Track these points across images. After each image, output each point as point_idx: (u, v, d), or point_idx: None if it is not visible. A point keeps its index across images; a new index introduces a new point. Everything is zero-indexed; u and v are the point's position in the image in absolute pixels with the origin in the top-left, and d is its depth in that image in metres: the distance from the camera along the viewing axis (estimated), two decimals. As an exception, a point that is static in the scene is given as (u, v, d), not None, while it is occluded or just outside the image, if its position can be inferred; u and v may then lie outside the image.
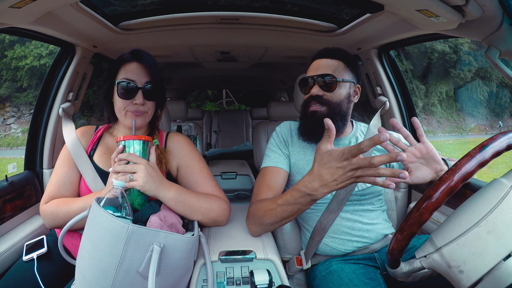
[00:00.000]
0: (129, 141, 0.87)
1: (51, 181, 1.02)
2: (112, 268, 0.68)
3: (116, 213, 0.73)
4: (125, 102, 0.97)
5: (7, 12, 0.82)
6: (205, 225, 1.01)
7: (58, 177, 1.01)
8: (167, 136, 1.12)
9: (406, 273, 0.67)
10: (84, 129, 1.11)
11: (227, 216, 1.04)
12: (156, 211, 0.83)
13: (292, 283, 1.11)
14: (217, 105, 9.41)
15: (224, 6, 1.38)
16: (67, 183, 1.01)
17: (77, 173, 1.02)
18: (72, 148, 1.04)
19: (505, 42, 0.81)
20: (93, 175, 1.00)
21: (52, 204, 0.97)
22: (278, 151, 1.12)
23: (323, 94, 1.05)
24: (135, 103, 0.97)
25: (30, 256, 0.97)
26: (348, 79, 1.07)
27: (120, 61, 1.00)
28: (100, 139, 1.09)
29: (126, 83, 0.96)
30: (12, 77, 10.93)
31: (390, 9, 0.98)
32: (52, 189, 1.00)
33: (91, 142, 1.07)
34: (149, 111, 1.01)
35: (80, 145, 1.05)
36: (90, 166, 1.01)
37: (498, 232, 0.57)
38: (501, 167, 6.28)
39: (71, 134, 1.09)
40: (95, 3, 1.15)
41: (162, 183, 0.87)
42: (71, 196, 1.01)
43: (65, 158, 1.03)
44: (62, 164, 1.03)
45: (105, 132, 1.10)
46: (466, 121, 13.22)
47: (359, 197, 1.07)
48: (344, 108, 1.07)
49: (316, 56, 1.12)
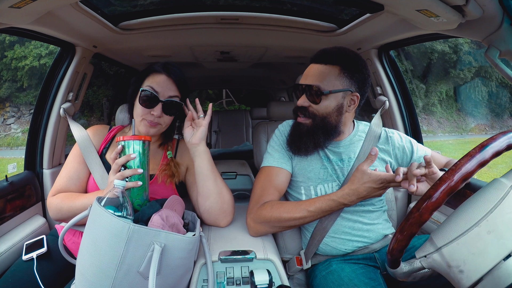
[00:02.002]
0: (128, 141, 0.87)
1: (60, 175, 1.05)
2: (113, 268, 0.68)
3: (117, 212, 0.73)
4: (144, 110, 0.99)
5: (7, 12, 0.82)
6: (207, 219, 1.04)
7: (67, 171, 1.04)
8: (178, 142, 1.16)
9: (406, 273, 0.67)
10: (97, 128, 1.14)
11: (230, 214, 1.06)
12: (157, 211, 0.83)
13: (292, 283, 1.11)
14: (217, 105, 9.40)
15: (224, 6, 1.38)
16: (75, 178, 1.04)
17: (86, 170, 1.05)
18: (82, 145, 1.06)
19: (505, 42, 0.81)
20: (101, 172, 1.02)
21: (58, 197, 1.00)
22: (282, 150, 1.10)
23: (309, 105, 1.02)
24: (152, 113, 0.98)
25: (29, 256, 0.97)
26: (340, 88, 1.00)
27: (150, 69, 1.03)
28: (113, 138, 1.11)
29: (149, 92, 0.98)
30: (12, 77, 10.92)
31: (390, 9, 0.98)
32: (61, 182, 1.03)
33: (104, 140, 1.10)
34: (163, 124, 1.02)
35: (90, 142, 1.07)
36: (99, 163, 1.03)
37: (498, 232, 0.57)
38: (501, 167, 6.28)
39: (81, 131, 1.12)
40: (95, 3, 1.15)
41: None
42: (78, 192, 1.04)
43: (76, 153, 1.06)
44: (73, 159, 1.06)
45: (119, 132, 1.13)
46: (466, 121, 13.21)
47: None
48: (332, 121, 1.02)
49: (312, 59, 1.07)
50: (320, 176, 1.07)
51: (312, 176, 1.07)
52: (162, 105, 0.98)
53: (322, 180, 1.07)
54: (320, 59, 1.03)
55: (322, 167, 1.07)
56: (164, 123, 1.02)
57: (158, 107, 0.98)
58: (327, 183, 1.07)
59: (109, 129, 1.14)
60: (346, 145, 1.10)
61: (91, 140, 1.08)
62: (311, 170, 1.07)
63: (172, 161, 1.06)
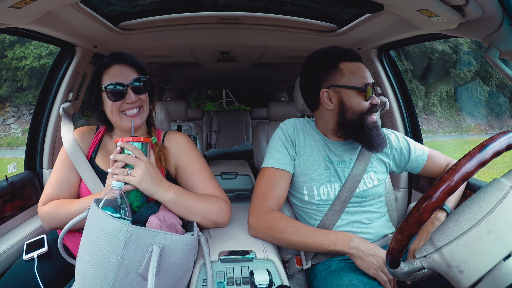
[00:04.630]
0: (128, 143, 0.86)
1: (49, 182, 1.01)
2: (112, 269, 0.68)
3: (115, 214, 0.72)
4: (117, 104, 0.96)
5: (7, 12, 0.82)
6: (205, 227, 1.00)
7: (57, 178, 1.01)
8: (164, 135, 1.10)
9: (406, 273, 0.67)
10: (83, 130, 1.09)
11: (227, 217, 1.02)
12: (155, 212, 0.83)
13: (292, 283, 1.10)
14: (217, 105, 9.41)
15: (224, 6, 1.38)
16: (66, 184, 1.00)
17: (76, 175, 1.01)
18: (70, 150, 1.03)
19: (505, 42, 0.81)
20: (92, 177, 0.99)
21: (50, 205, 0.97)
22: (284, 151, 1.08)
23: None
24: (127, 102, 0.96)
25: (30, 255, 0.96)
26: None
27: (101, 67, 0.99)
28: (101, 141, 1.08)
29: (113, 86, 0.95)
30: (12, 77, 10.93)
31: (390, 9, 0.98)
32: (51, 190, 0.99)
33: (93, 144, 1.06)
34: (144, 106, 1.00)
35: (78, 147, 1.04)
36: (89, 168, 1.00)
37: (498, 232, 0.57)
38: (501, 167, 6.28)
39: (69, 136, 1.08)
40: (95, 3, 1.15)
41: (161, 183, 0.86)
42: (70, 198, 1.00)
43: (64, 159, 1.02)
44: (62, 165, 1.02)
45: (105, 135, 1.09)
46: (466, 121, 13.21)
47: (360, 199, 1.07)
48: None
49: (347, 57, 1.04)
50: (323, 177, 1.07)
51: (315, 177, 1.07)
52: (132, 89, 0.96)
53: (325, 181, 1.07)
54: (357, 57, 1.06)
55: (325, 168, 1.07)
56: (143, 104, 0.99)
57: (130, 93, 0.96)
58: (330, 184, 1.07)
59: (96, 130, 1.10)
60: (348, 146, 1.10)
61: (78, 145, 1.04)
62: (315, 170, 1.07)
63: (157, 145, 1.01)
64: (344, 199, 1.04)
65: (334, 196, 1.06)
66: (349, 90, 1.01)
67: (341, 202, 1.04)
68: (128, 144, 0.85)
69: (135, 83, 0.97)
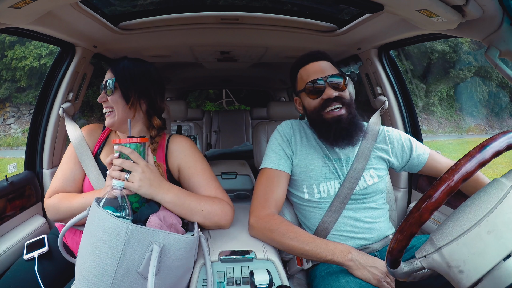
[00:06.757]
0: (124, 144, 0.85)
1: (56, 176, 1.04)
2: (112, 268, 0.68)
3: (116, 213, 0.73)
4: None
5: (7, 12, 0.82)
6: (207, 228, 1.00)
7: (63, 172, 1.04)
8: (169, 138, 1.09)
9: (406, 273, 0.67)
10: (91, 127, 1.12)
11: (229, 220, 1.01)
12: (155, 211, 0.83)
13: (293, 283, 1.11)
14: (217, 105, 9.41)
15: (224, 6, 1.38)
16: (71, 179, 1.03)
17: (81, 171, 1.04)
18: (77, 146, 1.06)
19: (505, 42, 0.81)
20: (96, 174, 1.01)
21: (54, 198, 0.99)
22: (280, 151, 1.10)
23: (338, 94, 1.05)
24: (101, 102, 1.00)
25: (31, 255, 0.97)
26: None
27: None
28: (107, 138, 1.10)
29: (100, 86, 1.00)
30: (12, 77, 10.93)
31: (390, 9, 0.98)
32: (57, 183, 1.03)
33: (99, 141, 1.09)
34: (114, 106, 0.98)
35: (85, 143, 1.06)
36: (94, 165, 1.02)
37: (498, 232, 0.57)
38: (501, 167, 6.28)
39: (76, 132, 1.11)
40: (95, 3, 1.15)
41: (160, 185, 0.86)
42: (74, 192, 1.03)
43: (72, 154, 1.05)
44: (68, 160, 1.05)
45: (112, 131, 1.12)
46: (466, 121, 13.21)
47: (361, 196, 1.07)
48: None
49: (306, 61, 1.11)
50: (323, 174, 1.07)
51: (314, 174, 1.07)
52: (104, 90, 0.99)
53: (324, 178, 1.07)
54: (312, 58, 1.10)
55: (324, 165, 1.08)
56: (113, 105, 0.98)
57: (102, 93, 1.00)
58: (329, 181, 1.07)
59: (103, 129, 1.12)
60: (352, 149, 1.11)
61: (85, 141, 1.07)
62: (313, 168, 1.08)
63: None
64: (343, 198, 1.05)
65: (334, 193, 1.06)
66: (302, 93, 1.10)
67: (340, 201, 1.04)
68: (125, 148, 0.83)
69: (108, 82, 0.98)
